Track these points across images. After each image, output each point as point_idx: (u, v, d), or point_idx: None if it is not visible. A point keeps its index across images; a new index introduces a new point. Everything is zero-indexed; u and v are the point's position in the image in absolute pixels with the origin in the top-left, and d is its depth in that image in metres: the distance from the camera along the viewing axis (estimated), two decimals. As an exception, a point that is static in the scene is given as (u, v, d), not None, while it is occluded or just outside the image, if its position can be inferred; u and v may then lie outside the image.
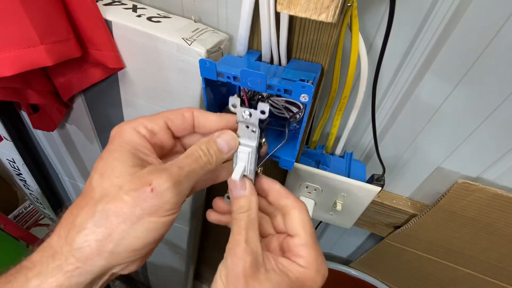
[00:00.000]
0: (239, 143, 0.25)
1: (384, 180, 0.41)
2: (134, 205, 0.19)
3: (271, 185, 0.27)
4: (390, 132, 0.45)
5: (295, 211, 0.25)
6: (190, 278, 0.87)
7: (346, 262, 0.77)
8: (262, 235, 0.28)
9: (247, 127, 0.24)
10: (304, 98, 0.25)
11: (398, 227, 0.56)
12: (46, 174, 0.77)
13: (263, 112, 0.23)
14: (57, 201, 0.87)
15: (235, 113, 0.24)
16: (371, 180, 0.42)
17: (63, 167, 0.71)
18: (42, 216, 1.14)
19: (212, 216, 0.30)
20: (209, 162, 0.23)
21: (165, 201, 0.20)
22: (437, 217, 0.50)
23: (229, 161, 0.26)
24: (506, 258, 0.51)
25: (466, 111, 0.38)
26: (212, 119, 0.25)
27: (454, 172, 0.46)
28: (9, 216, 1.08)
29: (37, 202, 1.01)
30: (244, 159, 0.25)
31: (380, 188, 0.41)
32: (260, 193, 0.27)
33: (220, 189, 0.59)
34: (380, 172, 0.42)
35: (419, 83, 0.38)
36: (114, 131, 0.23)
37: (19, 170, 0.82)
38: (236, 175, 0.25)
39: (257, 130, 0.24)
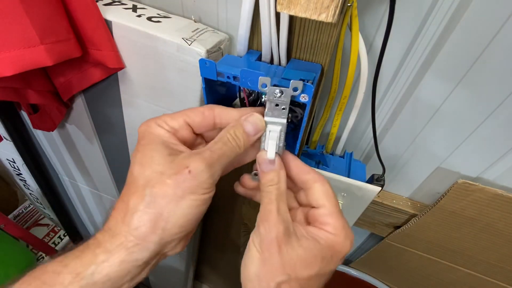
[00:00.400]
0: (268, 122, 0.26)
1: (384, 180, 0.41)
2: (176, 186, 0.21)
3: (293, 161, 0.28)
4: (390, 132, 0.45)
5: (318, 184, 0.26)
6: (190, 278, 0.87)
7: (346, 262, 0.77)
8: (289, 209, 0.29)
9: (276, 105, 0.25)
10: (304, 98, 0.25)
11: (398, 227, 0.56)
12: (46, 174, 0.77)
13: (295, 89, 0.24)
14: (57, 201, 0.87)
15: (264, 94, 0.25)
16: (371, 180, 0.42)
17: (63, 167, 0.71)
18: (42, 216, 1.14)
19: (240, 189, 0.31)
20: (237, 145, 0.25)
21: (201, 181, 0.22)
22: (437, 217, 0.50)
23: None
24: (506, 258, 0.51)
25: (466, 111, 0.38)
26: (233, 114, 0.26)
27: (454, 172, 0.46)
28: (9, 216, 1.08)
29: (37, 202, 1.01)
30: (275, 137, 0.26)
31: (380, 188, 0.41)
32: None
33: (221, 190, 0.59)
34: (380, 172, 0.42)
35: (419, 83, 0.38)
36: (143, 128, 0.25)
37: (19, 170, 0.82)
38: (271, 154, 0.26)
39: (288, 107, 0.25)
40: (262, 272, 0.23)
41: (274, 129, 0.26)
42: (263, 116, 0.26)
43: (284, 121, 0.26)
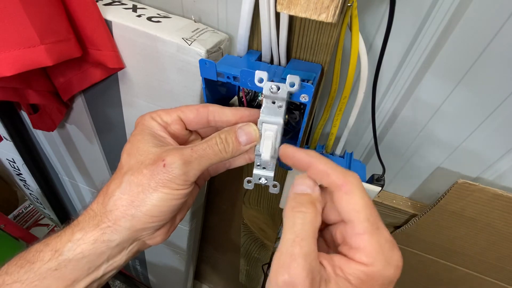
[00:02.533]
0: (264, 121, 0.25)
1: (384, 180, 0.41)
2: (150, 177, 0.23)
3: (308, 161, 0.22)
4: (390, 132, 0.45)
5: (341, 192, 0.20)
6: (190, 278, 0.87)
7: (346, 262, 0.77)
8: None
9: (273, 102, 0.24)
10: (304, 98, 0.25)
11: (398, 227, 0.56)
12: (46, 174, 0.77)
13: (292, 85, 0.23)
14: (57, 201, 0.87)
15: (260, 91, 0.24)
16: (371, 180, 0.42)
17: (63, 167, 0.71)
18: (42, 216, 1.14)
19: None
20: (224, 150, 0.25)
21: (174, 176, 0.23)
22: (437, 217, 0.50)
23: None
24: (506, 258, 0.51)
25: (466, 111, 0.38)
26: (227, 113, 0.27)
27: (454, 172, 0.46)
28: (9, 216, 1.08)
29: (37, 202, 1.01)
30: (271, 137, 0.25)
31: (380, 188, 0.41)
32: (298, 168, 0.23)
33: (221, 189, 0.59)
34: (380, 172, 0.42)
35: (419, 83, 0.38)
36: (138, 120, 0.27)
37: (19, 170, 0.82)
38: (266, 155, 0.25)
39: (284, 105, 0.24)
40: None
41: (270, 129, 0.25)
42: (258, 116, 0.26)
43: (281, 120, 0.25)
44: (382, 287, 0.19)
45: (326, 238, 0.23)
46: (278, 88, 0.23)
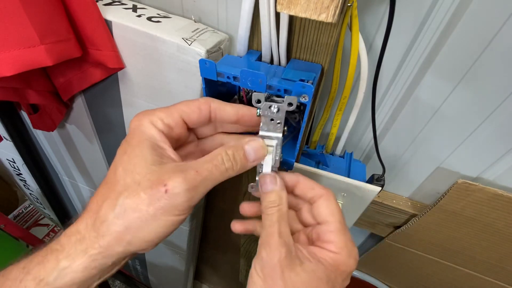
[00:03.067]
0: (263, 137, 0.26)
1: (384, 180, 0.41)
2: (149, 203, 0.20)
3: (296, 179, 0.27)
4: (390, 132, 0.45)
5: (322, 200, 0.25)
6: (190, 278, 0.87)
7: (346, 262, 0.77)
8: (291, 232, 0.28)
9: (271, 120, 0.25)
10: (304, 98, 0.25)
11: (398, 227, 0.56)
12: (46, 174, 0.77)
13: (290, 105, 0.24)
14: (57, 201, 0.87)
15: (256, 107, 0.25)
16: (371, 180, 0.42)
17: (63, 167, 0.71)
18: (42, 216, 1.14)
19: (237, 227, 0.30)
20: (231, 168, 0.23)
21: (177, 203, 0.21)
22: (437, 217, 0.50)
23: None
24: (506, 258, 0.51)
25: (466, 111, 0.38)
26: (229, 110, 0.26)
27: (454, 172, 0.46)
28: (9, 216, 1.08)
29: (37, 202, 1.01)
30: (271, 151, 0.26)
31: (380, 188, 0.41)
32: (288, 190, 0.27)
33: (221, 190, 0.59)
34: (380, 172, 0.42)
35: (419, 83, 0.38)
36: (135, 123, 0.24)
37: (19, 170, 0.82)
38: (267, 169, 0.26)
39: (283, 121, 0.25)
40: None
41: (270, 144, 0.26)
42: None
43: (280, 135, 0.25)
44: (344, 273, 0.23)
45: (301, 238, 0.27)
46: (278, 109, 0.24)
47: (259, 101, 0.24)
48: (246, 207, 0.29)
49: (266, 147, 0.25)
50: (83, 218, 0.22)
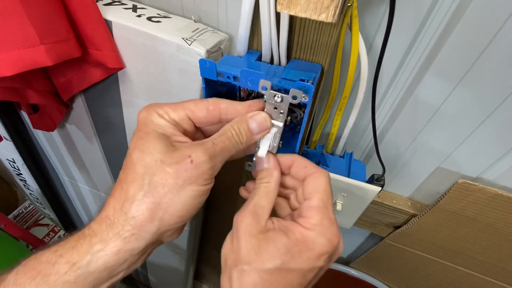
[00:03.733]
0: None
1: (384, 180, 0.41)
2: (176, 176, 0.21)
3: (291, 159, 0.27)
4: (390, 132, 0.45)
5: (311, 177, 0.26)
6: (190, 278, 0.87)
7: (346, 262, 0.77)
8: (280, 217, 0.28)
9: (275, 108, 0.26)
10: (304, 98, 0.25)
11: (398, 227, 0.56)
12: (46, 174, 0.77)
13: (294, 98, 0.24)
14: (57, 201, 0.87)
15: (263, 96, 0.26)
16: (371, 180, 0.42)
17: (63, 167, 0.71)
18: (42, 216, 1.14)
19: (243, 193, 0.31)
20: (240, 141, 0.25)
21: (202, 171, 0.22)
22: (437, 217, 0.50)
23: None
24: (506, 258, 0.51)
25: (466, 111, 0.38)
26: (240, 109, 0.26)
27: (454, 172, 0.46)
28: (9, 216, 1.08)
29: (37, 202, 1.01)
30: (270, 138, 0.27)
31: (380, 188, 0.41)
32: (282, 171, 0.28)
33: (221, 189, 0.59)
34: (380, 172, 0.42)
35: (419, 83, 0.38)
36: (143, 115, 0.24)
37: (19, 170, 0.82)
38: (262, 153, 0.27)
39: (286, 112, 0.26)
40: (228, 258, 0.24)
41: (270, 131, 0.27)
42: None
43: (281, 124, 0.26)
44: (313, 252, 0.22)
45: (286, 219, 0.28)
46: (281, 99, 0.25)
47: (265, 89, 0.24)
48: (251, 186, 0.30)
49: (270, 120, 0.26)
50: (109, 204, 0.22)
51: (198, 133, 0.28)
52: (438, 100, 0.39)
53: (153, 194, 0.21)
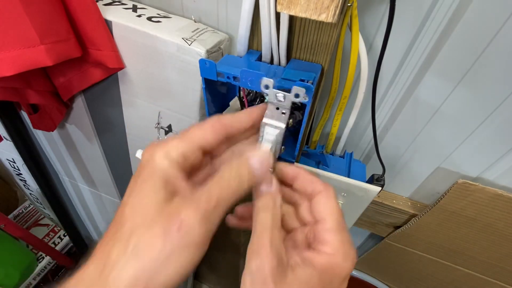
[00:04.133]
0: (266, 124, 0.25)
1: (384, 180, 0.41)
2: (164, 240, 0.19)
3: (297, 172, 0.26)
4: (390, 132, 0.45)
5: (321, 196, 0.24)
6: (190, 278, 0.87)
7: (346, 262, 0.77)
8: (287, 230, 0.27)
9: (277, 108, 0.25)
10: (304, 98, 0.25)
11: (398, 227, 0.56)
12: (46, 174, 0.77)
13: (297, 96, 0.23)
14: (57, 201, 0.87)
15: (265, 95, 0.25)
16: (371, 180, 0.42)
17: (63, 167, 0.71)
18: (42, 216, 1.14)
19: (232, 221, 0.29)
20: (241, 187, 0.22)
21: (193, 237, 0.19)
22: (437, 217, 0.50)
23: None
24: (506, 258, 0.51)
25: (466, 111, 0.38)
26: (242, 120, 0.25)
27: (454, 172, 0.46)
28: (9, 216, 1.08)
29: (37, 202, 1.02)
30: (272, 141, 0.25)
31: (380, 188, 0.41)
32: (285, 181, 0.26)
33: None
34: (380, 172, 0.42)
35: (419, 83, 0.38)
36: (147, 156, 0.22)
37: (19, 170, 0.82)
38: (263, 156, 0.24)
39: (288, 112, 0.25)
40: None
41: (271, 133, 0.25)
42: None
43: (283, 125, 0.25)
44: (339, 277, 0.22)
45: (297, 239, 0.26)
46: (284, 97, 0.24)
47: (267, 87, 0.24)
48: (240, 211, 0.29)
49: (272, 155, 0.24)
50: (89, 265, 0.20)
51: (206, 158, 0.26)
52: (438, 100, 0.39)
53: (137, 259, 0.18)
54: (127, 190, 0.21)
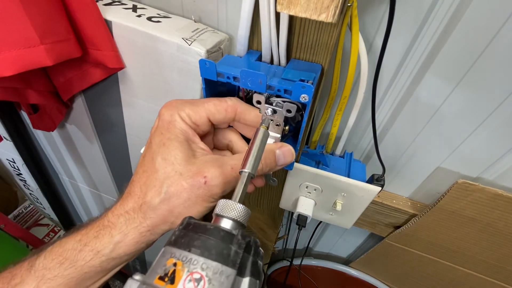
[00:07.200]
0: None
1: (384, 180, 0.41)
2: (190, 191, 0.24)
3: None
4: (390, 132, 0.45)
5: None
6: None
7: (346, 262, 0.77)
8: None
9: (271, 120, 0.27)
10: (304, 98, 0.25)
11: (398, 227, 0.56)
12: (46, 174, 0.77)
13: (288, 111, 0.25)
14: (57, 201, 0.87)
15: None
16: (371, 180, 0.42)
17: (63, 167, 0.71)
18: (42, 216, 1.14)
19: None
20: (261, 169, 0.26)
21: (213, 193, 0.24)
22: (437, 217, 0.50)
23: None
24: (506, 258, 0.51)
25: (466, 111, 0.38)
26: (253, 116, 0.28)
27: (454, 172, 0.46)
28: (9, 216, 1.08)
29: (37, 202, 1.02)
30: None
31: (380, 188, 0.41)
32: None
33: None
34: (380, 172, 0.42)
35: (419, 83, 0.38)
36: (167, 117, 0.26)
37: (19, 170, 0.82)
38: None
39: (282, 124, 0.27)
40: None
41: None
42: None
43: (278, 135, 0.27)
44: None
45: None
46: (275, 112, 0.26)
47: (259, 102, 0.25)
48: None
49: (294, 154, 0.28)
50: (128, 201, 0.25)
51: (211, 128, 0.30)
52: (438, 100, 0.39)
53: (168, 203, 0.24)
54: (153, 141, 0.26)
